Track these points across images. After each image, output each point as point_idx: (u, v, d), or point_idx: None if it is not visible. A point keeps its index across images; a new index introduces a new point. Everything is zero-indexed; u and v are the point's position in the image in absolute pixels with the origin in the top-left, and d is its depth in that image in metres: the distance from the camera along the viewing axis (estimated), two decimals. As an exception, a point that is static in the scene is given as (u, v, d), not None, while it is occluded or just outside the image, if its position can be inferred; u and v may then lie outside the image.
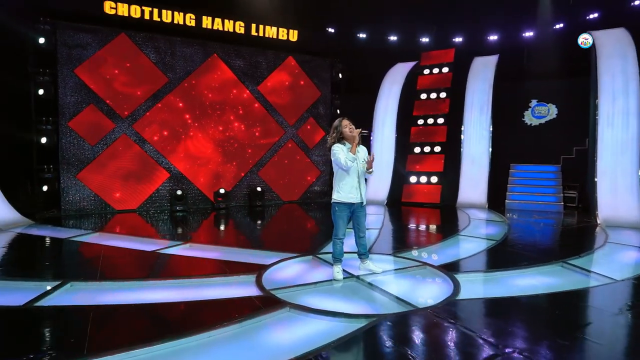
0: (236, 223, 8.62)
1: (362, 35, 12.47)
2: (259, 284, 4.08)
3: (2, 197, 7.66)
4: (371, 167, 4.39)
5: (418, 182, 11.14)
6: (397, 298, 3.73)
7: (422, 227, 8.07)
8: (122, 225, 8.03)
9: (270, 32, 10.97)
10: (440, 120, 11.45)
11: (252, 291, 3.91)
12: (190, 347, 2.86)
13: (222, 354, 2.78)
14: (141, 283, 4.18)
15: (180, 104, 9.86)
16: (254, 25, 10.75)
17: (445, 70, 11.92)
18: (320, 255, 5.27)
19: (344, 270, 4.56)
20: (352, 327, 3.16)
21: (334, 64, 11.82)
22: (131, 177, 9.42)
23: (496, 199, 10.28)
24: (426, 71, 12.13)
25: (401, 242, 6.58)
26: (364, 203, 4.35)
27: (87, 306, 3.51)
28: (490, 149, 10.64)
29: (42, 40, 8.33)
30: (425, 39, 12.79)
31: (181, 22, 9.85)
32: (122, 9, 9.06)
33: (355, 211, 4.35)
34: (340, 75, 11.88)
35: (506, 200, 10.25)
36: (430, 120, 11.55)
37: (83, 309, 3.45)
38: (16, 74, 8.28)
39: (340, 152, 4.17)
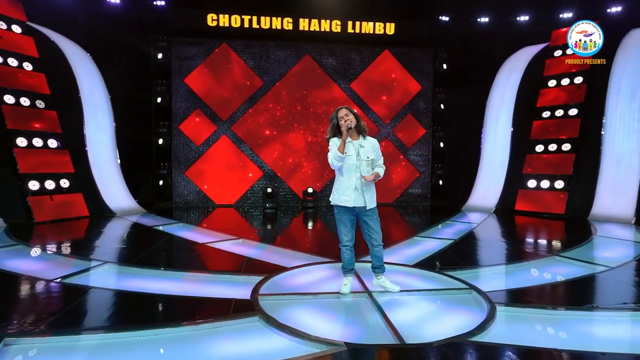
0: (309, 223, 8.48)
1: (476, 20, 10.86)
2: (256, 287, 3.81)
3: (126, 188, 9.16)
4: (372, 178, 3.52)
5: (538, 187, 9.16)
6: (391, 326, 2.99)
7: (517, 242, 6.53)
8: (209, 218, 8.71)
9: (367, 27, 10.51)
10: (573, 112, 9.20)
11: (243, 293, 3.66)
12: (133, 341, 2.78)
13: (154, 353, 2.64)
14: (159, 272, 4.35)
15: (274, 106, 10.25)
16: (350, 23, 10.46)
17: (583, 48, 9.53)
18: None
19: (361, 282, 3.95)
20: (305, 351, 2.64)
21: (437, 54, 10.65)
22: (229, 174, 10.20)
23: (651, 213, 7.72)
24: (557, 52, 9.92)
25: (467, 258, 5.36)
26: (367, 207, 3.58)
27: (95, 287, 3.79)
28: (645, 147, 8.05)
29: (160, 56, 9.70)
30: (560, 15, 10.39)
31: (279, 27, 10.21)
32: (223, 20, 9.88)
33: (360, 215, 3.64)
34: (444, 66, 10.65)
35: (666, 215, 7.59)
36: (559, 112, 9.39)
37: (88, 288, 3.74)
38: (142, 86, 9.83)
39: (332, 149, 3.59)
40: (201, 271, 4.47)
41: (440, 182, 10.94)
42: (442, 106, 10.75)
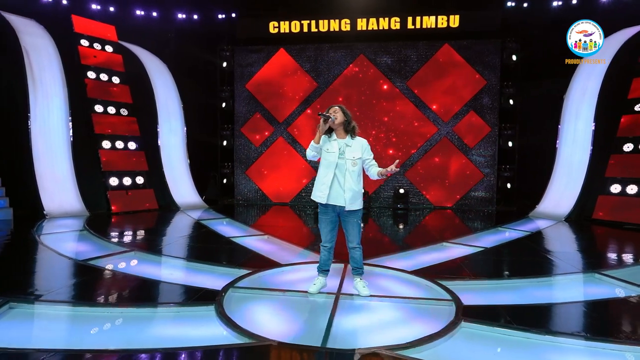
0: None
1: (552, 4, 9.57)
2: (234, 280, 4.01)
3: (192, 186, 10.18)
4: (385, 175, 3.63)
5: (623, 193, 7.78)
6: (326, 329, 2.94)
7: (560, 254, 5.61)
8: (259, 215, 9.21)
9: (428, 21, 10.05)
10: (675, 103, 7.61)
11: (219, 285, 3.88)
12: (102, 316, 3.19)
13: (116, 326, 3.03)
14: (168, 259, 4.83)
15: (328, 106, 10.38)
16: (410, 19, 10.13)
17: (695, 25, 7.82)
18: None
19: (340, 283, 3.92)
20: (232, 341, 2.78)
21: (506, 45, 9.67)
22: (285, 174, 10.65)
23: None
24: (659, 32, 8.29)
25: (480, 269, 4.84)
26: (347, 208, 3.52)
27: (107, 269, 4.38)
28: None
29: (224, 64, 10.57)
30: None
31: (337, 29, 10.34)
32: (284, 27, 10.34)
33: (340, 216, 3.62)
34: (514, 58, 9.62)
35: None
36: (657, 104, 7.84)
37: (99, 270, 4.35)
38: (209, 93, 10.83)
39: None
40: (200, 261, 4.77)
41: (509, 185, 9.91)
42: (511, 102, 9.74)
